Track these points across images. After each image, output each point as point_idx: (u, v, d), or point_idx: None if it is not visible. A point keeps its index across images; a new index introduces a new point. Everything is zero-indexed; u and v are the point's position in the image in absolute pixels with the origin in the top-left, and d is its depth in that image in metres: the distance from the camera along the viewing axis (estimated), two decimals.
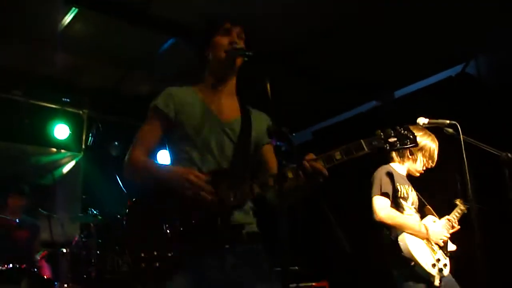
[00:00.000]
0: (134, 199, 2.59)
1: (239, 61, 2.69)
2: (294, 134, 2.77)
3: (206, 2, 5.31)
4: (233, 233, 2.45)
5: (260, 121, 2.78)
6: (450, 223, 4.42)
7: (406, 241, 4.07)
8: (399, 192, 4.27)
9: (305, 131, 8.63)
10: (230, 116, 2.73)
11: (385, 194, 4.22)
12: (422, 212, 4.44)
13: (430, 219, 4.38)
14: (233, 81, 2.81)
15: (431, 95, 6.68)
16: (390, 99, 7.59)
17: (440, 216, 4.49)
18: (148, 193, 2.58)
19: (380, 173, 4.32)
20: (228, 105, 2.76)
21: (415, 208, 4.36)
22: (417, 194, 4.43)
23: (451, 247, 4.38)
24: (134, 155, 2.60)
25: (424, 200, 4.49)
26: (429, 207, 4.50)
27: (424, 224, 4.23)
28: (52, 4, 5.56)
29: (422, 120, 3.97)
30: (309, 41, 6.24)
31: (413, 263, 4.01)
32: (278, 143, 2.30)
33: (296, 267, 6.60)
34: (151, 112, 2.69)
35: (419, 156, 4.38)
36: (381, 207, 4.17)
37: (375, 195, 4.22)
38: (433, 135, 4.40)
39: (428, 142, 4.35)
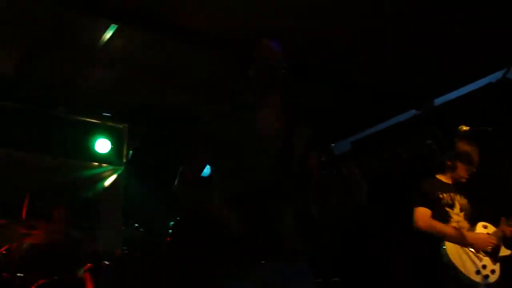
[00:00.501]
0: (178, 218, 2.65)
1: (278, 75, 2.73)
2: (333, 145, 2.81)
3: (246, 16, 5.38)
4: (272, 248, 2.49)
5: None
6: (501, 232, 4.38)
7: (446, 250, 4.08)
8: (443, 200, 4.29)
9: (344, 141, 8.54)
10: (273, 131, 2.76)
11: (425, 204, 4.25)
12: (475, 218, 4.44)
13: (481, 225, 4.38)
14: (276, 95, 2.83)
15: (472, 102, 6.61)
16: (429, 107, 7.53)
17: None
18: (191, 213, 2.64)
19: (421, 184, 4.38)
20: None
21: (465, 215, 4.36)
22: (467, 201, 4.44)
23: (505, 252, 4.35)
24: None
25: (476, 207, 4.48)
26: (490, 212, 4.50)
27: (464, 232, 4.22)
28: (92, 21, 5.71)
29: (463, 128, 3.98)
30: (346, 50, 6.25)
31: (454, 271, 4.01)
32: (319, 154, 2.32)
33: (338, 279, 6.57)
34: None
35: (459, 164, 4.40)
36: (421, 217, 4.20)
37: (415, 207, 4.27)
38: (473, 142, 4.40)
39: (466, 149, 4.36)
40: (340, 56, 6.38)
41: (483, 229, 4.35)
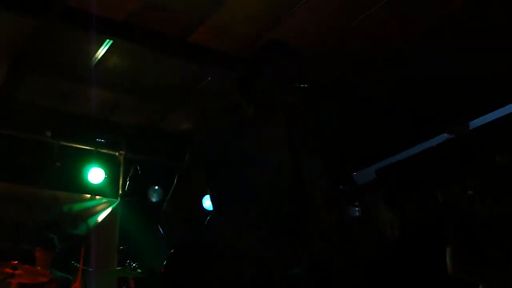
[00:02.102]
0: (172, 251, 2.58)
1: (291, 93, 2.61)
2: (355, 173, 2.73)
3: (249, 29, 5.39)
4: None
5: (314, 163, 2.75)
6: None
7: None
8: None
9: (367, 169, 8.52)
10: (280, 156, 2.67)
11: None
12: None
13: None
14: (283, 119, 2.72)
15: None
16: (464, 131, 7.43)
17: None
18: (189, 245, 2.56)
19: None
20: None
21: None
22: None
23: None
24: None
25: None
26: None
27: None
28: (84, 36, 5.69)
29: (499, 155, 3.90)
30: (370, 68, 6.25)
31: None
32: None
33: None
34: None
35: None
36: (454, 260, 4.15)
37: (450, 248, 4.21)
38: None
39: None
40: (362, 74, 6.38)
41: None
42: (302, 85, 2.55)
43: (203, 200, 2.92)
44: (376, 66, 6.21)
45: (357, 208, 2.50)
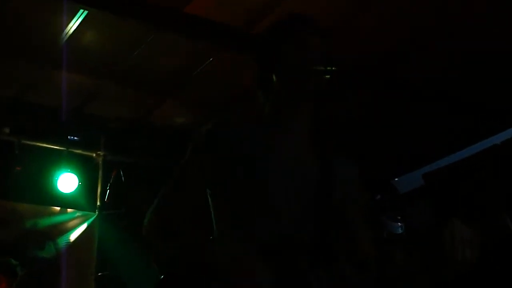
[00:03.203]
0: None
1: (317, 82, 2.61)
2: (396, 179, 2.70)
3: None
4: None
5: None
6: None
7: None
8: None
9: (413, 174, 8.52)
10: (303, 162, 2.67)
11: None
12: None
13: None
14: (308, 113, 2.74)
15: None
16: None
17: None
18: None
19: None
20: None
21: None
22: None
23: None
24: None
25: None
26: None
27: None
28: (51, 5, 5.63)
29: None
30: (417, 50, 6.27)
31: None
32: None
33: None
34: None
35: None
36: None
37: None
38: None
39: None
40: (407, 57, 6.40)
41: None
42: (329, 68, 2.56)
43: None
44: (428, 45, 6.20)
45: (399, 224, 2.46)
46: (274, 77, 2.67)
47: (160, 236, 2.59)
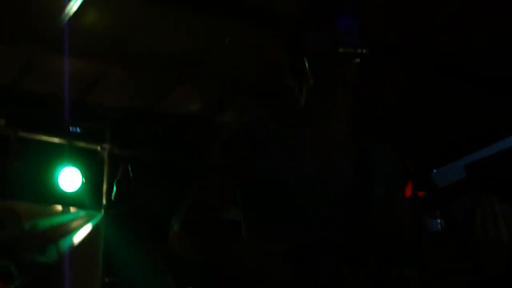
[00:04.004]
0: None
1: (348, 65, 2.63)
2: (435, 171, 2.72)
3: None
4: None
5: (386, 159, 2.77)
6: None
7: None
8: None
9: (455, 164, 8.50)
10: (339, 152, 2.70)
11: None
12: None
13: None
14: (344, 99, 2.74)
15: None
16: None
17: None
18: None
19: None
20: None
21: None
22: None
23: None
24: None
25: None
26: None
27: None
28: None
29: None
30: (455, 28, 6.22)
31: None
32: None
33: None
34: None
35: None
36: None
37: None
38: None
39: None
40: (445, 38, 6.36)
41: None
42: (360, 51, 2.55)
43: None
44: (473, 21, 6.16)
45: (439, 220, 2.50)
46: (306, 61, 2.67)
47: (188, 247, 2.60)
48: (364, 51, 2.54)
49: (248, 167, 2.59)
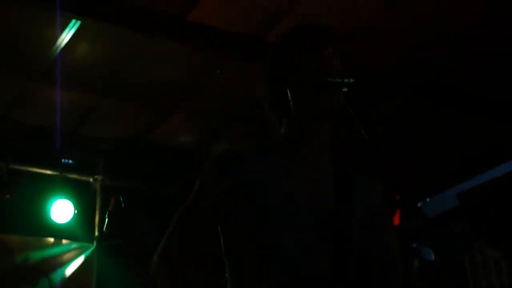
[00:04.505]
0: None
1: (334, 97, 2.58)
2: (428, 200, 2.71)
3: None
4: None
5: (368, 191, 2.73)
6: None
7: None
8: None
9: (447, 193, 8.47)
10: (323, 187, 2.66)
11: None
12: None
13: None
14: (326, 133, 2.72)
15: None
16: None
17: None
18: None
19: None
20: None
21: None
22: None
23: None
24: None
25: None
26: None
27: None
28: (43, 15, 5.69)
29: None
30: (450, 55, 6.27)
31: None
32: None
33: None
34: None
35: None
36: None
37: None
38: None
39: None
40: (440, 62, 6.42)
41: None
42: (346, 80, 2.53)
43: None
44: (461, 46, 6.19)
45: (431, 250, 2.49)
46: (288, 92, 2.65)
47: (167, 280, 2.59)
48: (351, 80, 2.52)
49: (231, 203, 2.56)
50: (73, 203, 7.97)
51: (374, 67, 6.22)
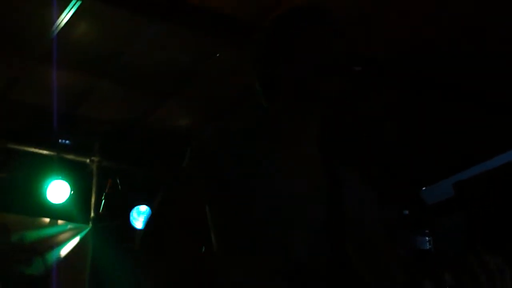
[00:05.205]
0: None
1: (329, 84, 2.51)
2: (424, 188, 2.68)
3: None
4: None
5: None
6: None
7: None
8: None
9: (443, 183, 8.46)
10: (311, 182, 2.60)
11: None
12: None
13: None
14: (317, 121, 2.66)
15: None
16: None
17: None
18: None
19: None
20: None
21: None
22: None
23: None
24: None
25: None
26: None
27: None
28: None
29: None
30: (450, 43, 6.24)
31: None
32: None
33: None
34: None
35: None
36: None
37: None
38: None
39: None
40: (439, 52, 6.36)
41: None
42: (354, 68, 2.49)
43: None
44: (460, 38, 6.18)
45: (427, 238, 2.47)
46: (283, 74, 2.57)
47: (151, 252, 2.52)
48: (359, 68, 2.49)
49: (219, 188, 2.50)
50: (69, 184, 7.97)
51: (373, 57, 6.19)
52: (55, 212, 8.07)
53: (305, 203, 2.49)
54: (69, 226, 8.20)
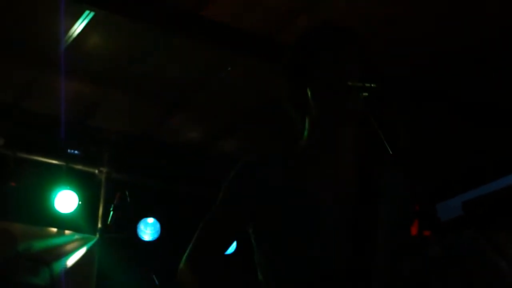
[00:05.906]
0: None
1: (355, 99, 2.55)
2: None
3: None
4: None
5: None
6: None
7: None
8: None
9: (452, 201, 8.44)
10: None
11: None
12: None
13: None
14: (350, 134, 2.71)
15: None
16: None
17: None
18: None
19: None
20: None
21: None
22: None
23: None
24: None
25: None
26: None
27: None
28: (54, 5, 5.65)
29: None
30: (462, 64, 6.23)
31: None
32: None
33: None
34: None
35: None
36: None
37: None
38: None
39: None
40: (452, 71, 6.36)
41: None
42: (367, 84, 2.50)
43: None
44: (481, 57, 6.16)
45: (437, 248, 2.49)
46: (309, 90, 2.64)
47: (196, 285, 2.57)
48: (372, 85, 2.49)
49: (262, 205, 2.56)
50: (77, 194, 7.90)
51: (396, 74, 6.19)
52: (62, 222, 8.02)
53: (341, 210, 2.58)
54: (76, 236, 8.16)
